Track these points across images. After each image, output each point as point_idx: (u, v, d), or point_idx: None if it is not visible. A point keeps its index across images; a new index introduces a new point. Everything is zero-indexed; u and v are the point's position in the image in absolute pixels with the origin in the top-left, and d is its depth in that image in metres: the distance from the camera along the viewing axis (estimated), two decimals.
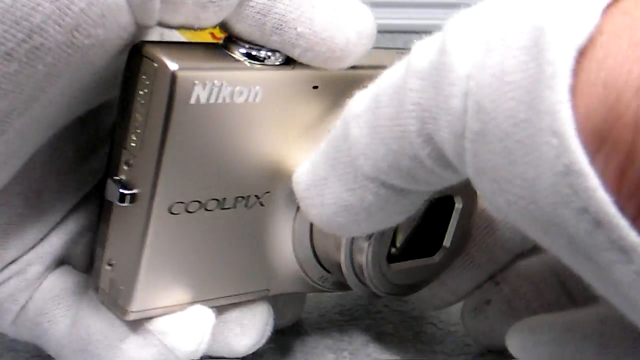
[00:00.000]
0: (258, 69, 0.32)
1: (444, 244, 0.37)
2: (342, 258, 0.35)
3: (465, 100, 0.27)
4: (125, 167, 0.32)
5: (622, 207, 0.25)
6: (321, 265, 0.37)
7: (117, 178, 0.32)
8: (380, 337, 0.39)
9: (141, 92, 0.31)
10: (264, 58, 0.32)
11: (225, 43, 0.32)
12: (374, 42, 0.33)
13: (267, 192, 0.34)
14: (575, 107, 0.25)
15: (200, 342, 0.34)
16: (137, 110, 0.31)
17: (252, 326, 0.36)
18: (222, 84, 0.31)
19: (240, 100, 0.32)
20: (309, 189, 0.33)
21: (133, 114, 0.31)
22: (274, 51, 0.32)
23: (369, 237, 0.35)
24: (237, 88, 0.31)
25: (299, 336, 0.39)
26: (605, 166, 0.25)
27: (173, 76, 0.30)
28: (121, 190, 0.31)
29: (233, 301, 0.36)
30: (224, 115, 0.32)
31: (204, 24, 0.31)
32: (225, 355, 0.36)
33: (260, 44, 0.32)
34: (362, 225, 0.32)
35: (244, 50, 0.32)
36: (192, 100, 0.30)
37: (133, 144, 0.31)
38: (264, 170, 0.34)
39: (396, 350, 0.39)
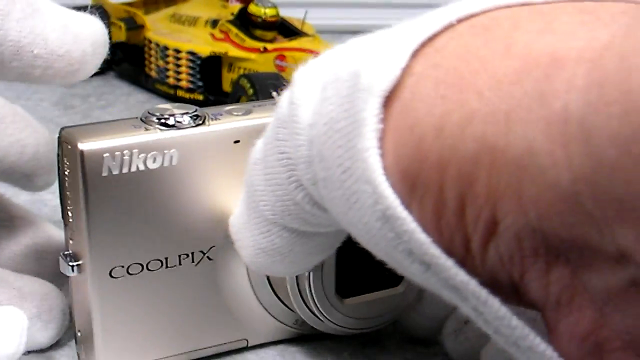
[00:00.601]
0: (170, 134, 0.34)
1: None
2: (293, 301, 0.36)
3: (311, 148, 0.27)
4: (70, 242, 0.35)
5: (448, 248, 0.24)
6: (290, 309, 0.37)
7: (66, 253, 0.35)
8: (380, 338, 0.39)
9: (66, 173, 0.34)
10: (174, 123, 0.34)
11: (142, 116, 0.34)
12: (107, 50, 0.35)
13: (213, 247, 0.36)
14: (385, 153, 0.25)
15: (18, 343, 0.35)
16: (66, 189, 0.34)
17: (51, 319, 0.37)
18: (132, 154, 0.33)
19: (154, 166, 0.34)
20: (238, 232, 0.34)
21: (65, 193, 0.34)
22: (185, 114, 0.34)
23: (309, 274, 0.35)
24: (150, 155, 0.34)
25: (299, 337, 0.39)
26: (422, 209, 0.25)
27: (82, 153, 0.33)
28: (69, 263, 0.35)
29: (209, 353, 0.37)
30: (140, 181, 0.34)
31: None
32: (32, 349, 0.37)
33: (1, 73, 0.33)
34: (281, 266, 0.33)
35: (156, 119, 0.34)
36: (105, 173, 0.33)
37: (70, 220, 0.34)
38: (200, 226, 0.35)
39: (395, 351, 0.39)
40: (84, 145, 0.33)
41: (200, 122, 0.35)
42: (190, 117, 0.34)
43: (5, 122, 0.40)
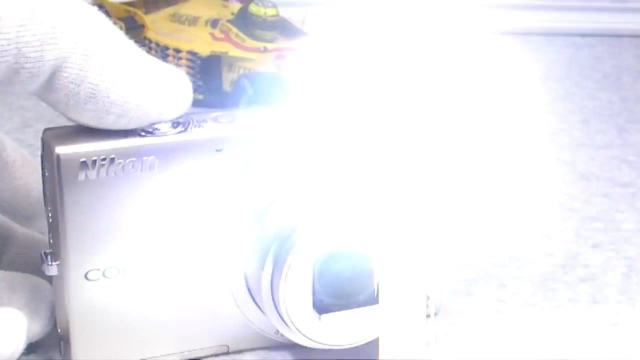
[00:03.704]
0: (149, 140, 0.34)
1: None
2: (268, 314, 0.36)
3: None
4: (51, 241, 0.35)
5: None
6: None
7: (47, 252, 0.35)
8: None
9: (46, 174, 0.34)
10: (154, 129, 0.34)
11: None
12: (190, 106, 0.35)
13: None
14: None
15: (18, 343, 0.35)
16: (46, 189, 0.34)
17: (39, 309, 0.37)
18: (109, 160, 0.33)
19: (132, 172, 0.34)
20: None
21: (45, 193, 0.34)
22: (168, 120, 0.34)
23: (283, 287, 0.35)
24: (127, 161, 0.33)
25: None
26: None
27: (58, 157, 0.33)
28: (48, 263, 0.35)
29: (189, 357, 0.38)
30: (118, 187, 0.34)
31: (17, 88, 0.32)
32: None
33: (75, 113, 0.33)
34: None
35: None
36: (81, 178, 0.33)
37: (50, 220, 0.35)
38: (179, 233, 0.35)
39: None
40: (61, 150, 0.33)
41: (183, 129, 0.34)
42: (172, 123, 0.34)
43: (15, 166, 0.41)
